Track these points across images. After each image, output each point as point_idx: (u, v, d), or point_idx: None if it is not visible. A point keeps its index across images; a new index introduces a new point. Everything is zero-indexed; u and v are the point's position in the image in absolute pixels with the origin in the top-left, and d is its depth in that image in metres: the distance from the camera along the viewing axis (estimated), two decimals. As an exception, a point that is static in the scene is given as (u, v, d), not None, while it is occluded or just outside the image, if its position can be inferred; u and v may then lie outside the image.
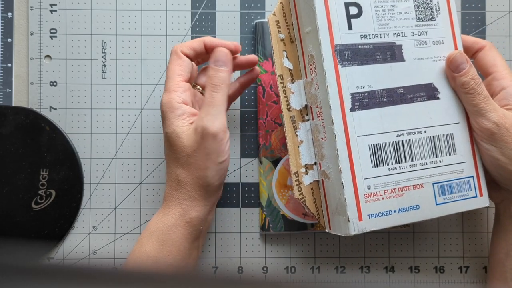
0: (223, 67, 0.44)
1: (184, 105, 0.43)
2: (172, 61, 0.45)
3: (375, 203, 0.41)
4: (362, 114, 0.41)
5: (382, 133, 0.41)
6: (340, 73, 0.41)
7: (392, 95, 0.42)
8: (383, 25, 0.42)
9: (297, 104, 0.44)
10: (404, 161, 0.42)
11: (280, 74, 0.44)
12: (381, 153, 0.41)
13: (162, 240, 0.43)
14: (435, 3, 0.44)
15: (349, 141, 0.41)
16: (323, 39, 0.41)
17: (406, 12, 0.43)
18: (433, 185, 0.42)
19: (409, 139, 0.42)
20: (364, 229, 0.40)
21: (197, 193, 0.43)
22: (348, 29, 0.41)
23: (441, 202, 0.43)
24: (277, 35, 0.44)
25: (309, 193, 0.44)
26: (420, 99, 0.43)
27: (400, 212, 0.41)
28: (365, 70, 0.41)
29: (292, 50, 0.44)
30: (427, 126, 0.43)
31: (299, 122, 0.44)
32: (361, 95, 0.41)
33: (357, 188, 0.40)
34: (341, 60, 0.41)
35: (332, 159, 0.41)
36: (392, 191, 0.41)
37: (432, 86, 0.43)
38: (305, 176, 0.44)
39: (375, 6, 0.42)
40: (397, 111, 0.42)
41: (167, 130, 0.43)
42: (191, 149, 0.42)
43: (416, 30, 0.43)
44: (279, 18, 0.44)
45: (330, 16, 0.41)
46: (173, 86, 0.44)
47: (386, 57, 0.42)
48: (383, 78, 0.42)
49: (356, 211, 0.40)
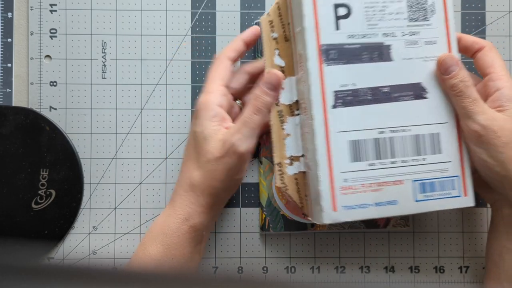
0: (271, 91, 0.44)
1: (218, 107, 0.43)
2: (215, 66, 0.45)
3: (351, 196, 0.43)
4: (344, 111, 0.43)
5: (363, 130, 0.43)
6: (324, 72, 0.42)
7: (377, 93, 0.43)
8: (373, 26, 0.43)
9: (287, 99, 0.45)
10: (385, 157, 0.43)
11: (269, 71, 0.45)
12: (360, 148, 0.43)
13: (166, 244, 0.43)
14: (430, 4, 0.44)
15: (329, 136, 0.42)
16: (309, 39, 0.42)
17: (397, 12, 0.43)
18: (413, 182, 0.43)
19: (391, 136, 0.43)
20: (338, 219, 0.42)
21: (205, 200, 0.43)
22: (335, 29, 0.43)
23: (421, 199, 0.44)
24: (269, 35, 0.46)
25: (292, 182, 0.46)
26: (406, 98, 0.43)
27: (377, 206, 0.43)
28: (350, 69, 0.43)
29: (286, 48, 0.46)
30: (412, 125, 0.44)
31: (287, 116, 0.45)
32: (345, 93, 0.43)
33: (333, 181, 0.42)
34: (326, 59, 0.43)
35: (312, 152, 0.43)
36: (370, 186, 0.43)
37: (420, 85, 0.44)
38: (288, 166, 0.46)
39: (365, 6, 0.43)
40: (381, 109, 0.43)
41: (196, 129, 0.43)
42: (213, 156, 0.42)
43: (407, 30, 0.44)
44: (274, 18, 0.46)
45: (317, 17, 0.42)
46: (212, 88, 0.44)
47: (373, 56, 0.43)
48: (369, 77, 0.43)
49: (330, 202, 0.42)
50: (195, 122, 0.44)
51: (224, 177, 0.43)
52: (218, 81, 0.44)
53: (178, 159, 0.52)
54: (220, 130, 0.43)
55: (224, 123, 0.44)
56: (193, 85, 0.52)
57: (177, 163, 0.52)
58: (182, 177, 0.44)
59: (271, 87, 0.44)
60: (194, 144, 0.44)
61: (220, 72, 0.45)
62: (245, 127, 0.42)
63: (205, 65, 0.52)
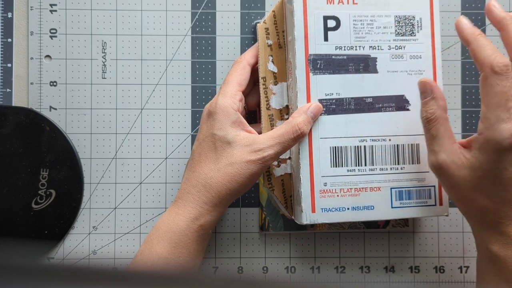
0: (313, 121, 0.44)
1: (237, 113, 0.44)
2: (235, 69, 0.46)
3: (330, 199, 0.45)
4: (327, 118, 0.45)
5: (345, 137, 0.45)
6: (311, 80, 0.45)
7: (360, 103, 0.45)
8: (360, 38, 0.45)
9: (278, 104, 0.47)
10: (364, 164, 0.45)
11: (263, 76, 0.47)
12: (341, 155, 0.45)
13: (174, 242, 0.43)
14: (418, 19, 0.46)
15: (311, 142, 0.45)
16: (298, 49, 0.45)
17: (385, 27, 0.45)
18: (391, 189, 0.46)
19: (372, 145, 0.45)
20: (316, 220, 0.45)
21: (219, 200, 0.44)
22: (324, 41, 0.45)
23: (397, 205, 0.46)
24: (265, 41, 0.47)
25: (278, 183, 0.48)
26: (389, 109, 0.46)
27: (354, 210, 0.45)
28: (336, 79, 0.45)
29: (280, 55, 0.48)
30: (393, 135, 0.46)
31: (277, 120, 0.47)
32: (329, 101, 0.45)
33: (314, 184, 0.45)
34: (313, 68, 0.45)
35: (296, 156, 0.45)
36: (348, 190, 0.45)
37: (403, 98, 0.46)
38: (276, 168, 0.48)
39: (354, 20, 0.45)
40: (363, 119, 0.45)
41: (217, 132, 0.44)
42: (239, 160, 0.43)
43: (393, 44, 0.46)
44: (269, 25, 0.48)
45: (307, 28, 0.45)
46: (231, 92, 0.45)
47: (359, 68, 0.45)
48: (353, 87, 0.45)
49: (310, 203, 0.45)
50: (214, 125, 0.44)
51: (245, 181, 0.43)
52: (237, 86, 0.45)
53: (178, 159, 0.52)
54: (242, 135, 0.44)
55: (244, 127, 0.44)
56: (193, 85, 0.52)
57: (177, 163, 0.52)
58: (195, 177, 0.44)
59: (314, 117, 0.44)
60: (213, 146, 0.44)
61: (239, 77, 0.46)
62: (279, 147, 0.43)
63: (205, 65, 0.52)
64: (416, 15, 0.46)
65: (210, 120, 0.45)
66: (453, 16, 0.52)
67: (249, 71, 0.46)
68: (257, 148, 0.43)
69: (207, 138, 0.44)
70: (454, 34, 0.52)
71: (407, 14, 0.46)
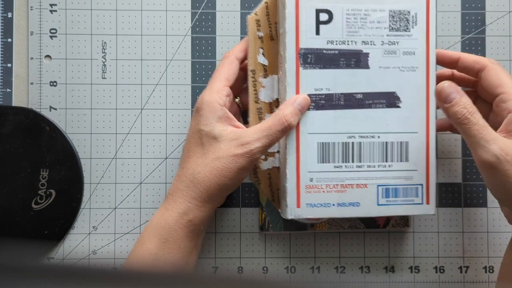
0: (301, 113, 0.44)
1: (224, 108, 0.44)
2: (222, 64, 0.46)
3: (316, 195, 0.45)
4: (316, 114, 0.44)
5: (333, 133, 0.45)
6: (301, 75, 0.44)
7: (350, 99, 0.45)
8: (353, 33, 0.44)
9: (267, 97, 0.47)
10: (352, 161, 0.45)
11: (253, 69, 0.46)
12: (329, 151, 0.45)
13: (163, 238, 0.43)
14: (413, 15, 0.45)
15: (299, 137, 0.44)
16: (289, 42, 0.44)
17: (379, 21, 0.45)
18: (377, 186, 0.45)
19: (360, 141, 0.45)
20: (301, 215, 0.45)
21: (208, 196, 0.43)
22: (315, 34, 0.44)
23: (383, 203, 0.45)
24: (255, 33, 0.46)
25: (265, 177, 0.47)
26: (379, 106, 0.45)
27: (339, 206, 0.45)
28: (326, 73, 0.44)
29: (271, 47, 0.47)
30: (382, 132, 0.45)
31: (265, 114, 0.47)
32: (318, 97, 0.44)
33: (300, 179, 0.44)
34: (303, 62, 0.44)
35: (283, 151, 0.45)
36: (334, 187, 0.45)
37: (394, 94, 0.45)
38: (263, 162, 0.47)
39: (347, 14, 0.44)
40: (352, 115, 0.45)
41: (203, 128, 0.43)
42: (225, 155, 0.43)
43: (386, 40, 0.45)
44: (261, 17, 0.46)
45: (299, 21, 0.44)
46: (218, 88, 0.44)
47: (350, 63, 0.44)
48: (343, 82, 0.44)
49: (295, 198, 0.45)
50: (200, 121, 0.44)
51: (233, 175, 0.43)
52: (224, 81, 0.45)
53: (178, 159, 0.52)
54: (229, 129, 0.43)
55: (231, 122, 0.44)
56: (193, 85, 0.52)
57: (177, 163, 0.52)
58: (183, 173, 0.44)
59: (302, 109, 0.44)
60: (199, 142, 0.44)
61: (226, 72, 0.45)
62: (267, 139, 0.43)
63: (205, 65, 0.52)
64: (411, 10, 0.45)
65: (197, 116, 0.45)
66: (453, 16, 0.52)
67: (237, 65, 0.46)
68: (244, 142, 0.42)
69: (194, 134, 0.44)
70: (453, 34, 0.52)
71: (402, 9, 0.45)
